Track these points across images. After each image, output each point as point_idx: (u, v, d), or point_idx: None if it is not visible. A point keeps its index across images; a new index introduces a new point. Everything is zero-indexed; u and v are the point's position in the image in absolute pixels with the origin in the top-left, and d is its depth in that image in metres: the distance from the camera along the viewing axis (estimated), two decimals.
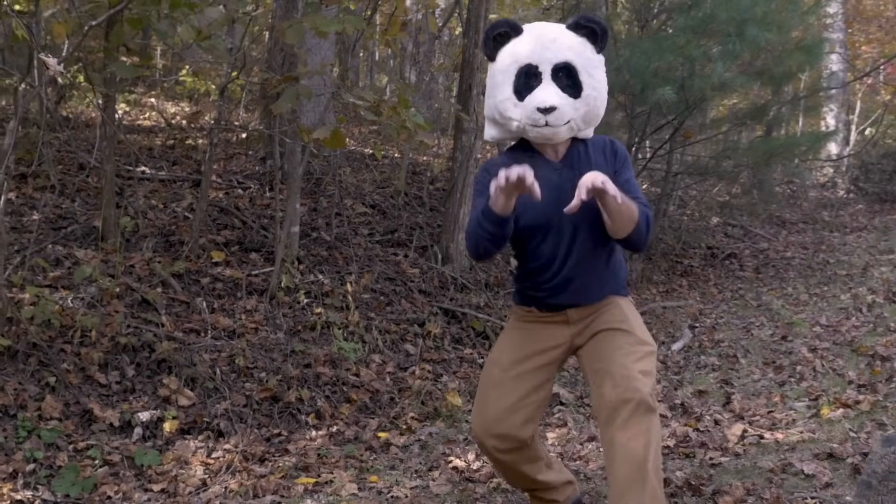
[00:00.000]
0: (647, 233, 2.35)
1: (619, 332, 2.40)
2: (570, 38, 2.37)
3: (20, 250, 4.63)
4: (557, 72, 2.34)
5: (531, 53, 2.35)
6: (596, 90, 2.37)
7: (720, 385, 4.61)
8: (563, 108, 2.32)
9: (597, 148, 2.48)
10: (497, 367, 2.53)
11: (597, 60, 2.40)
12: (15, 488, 3.17)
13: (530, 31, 2.41)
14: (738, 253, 9.01)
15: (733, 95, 8.61)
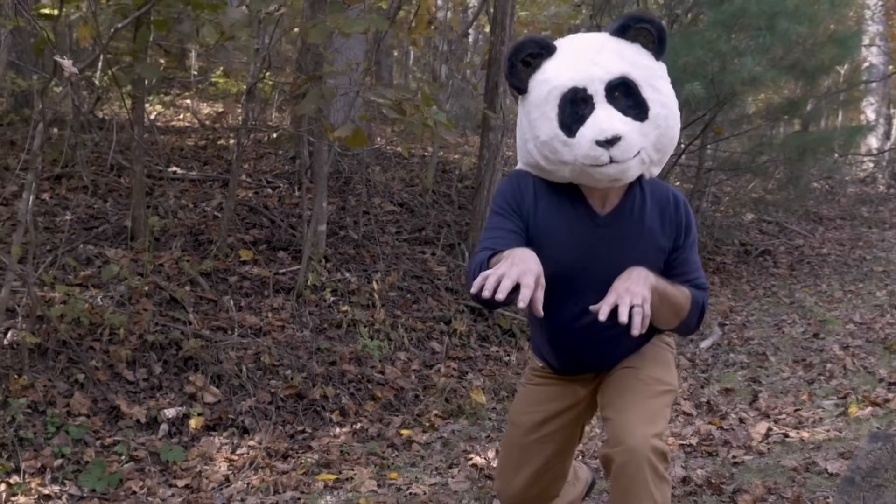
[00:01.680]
0: (698, 322, 2.00)
1: (629, 370, 2.08)
2: (620, 45, 1.88)
3: (52, 250, 4.72)
4: (613, 91, 1.84)
5: (575, 73, 1.84)
6: (666, 107, 1.88)
7: (748, 383, 4.56)
8: (629, 137, 1.81)
9: (656, 201, 1.99)
10: (519, 430, 2.26)
11: (658, 69, 1.90)
12: (43, 483, 3.23)
13: (566, 46, 1.92)
14: (773, 250, 8.89)
15: (765, 90, 8.48)
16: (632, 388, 2.01)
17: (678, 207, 2.00)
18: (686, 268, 2.00)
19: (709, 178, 8.94)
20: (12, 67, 6.12)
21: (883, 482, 1.11)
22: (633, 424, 1.90)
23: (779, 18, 6.41)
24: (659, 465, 1.88)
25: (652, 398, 1.98)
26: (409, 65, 16.14)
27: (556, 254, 1.93)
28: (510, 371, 4.97)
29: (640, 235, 1.98)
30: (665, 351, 2.17)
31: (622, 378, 2.06)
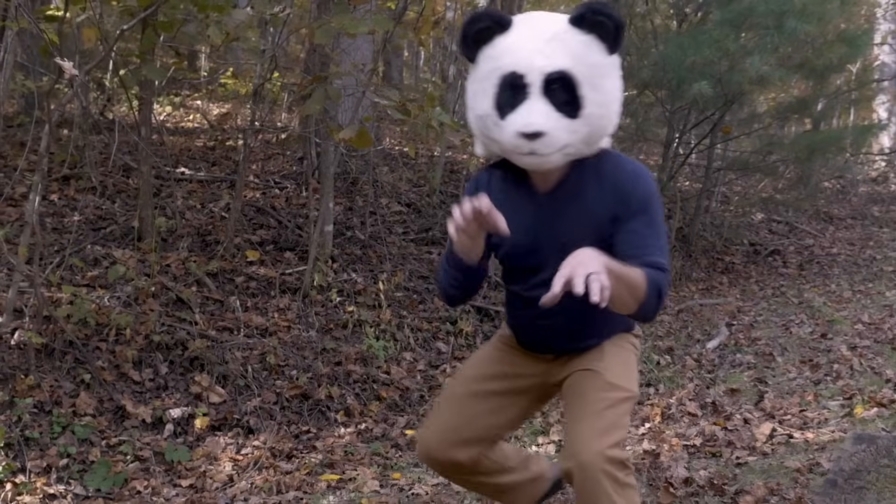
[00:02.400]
0: (658, 306, 1.86)
1: (587, 373, 2.01)
2: (573, 36, 1.82)
3: (60, 250, 4.75)
4: (551, 83, 1.80)
5: (518, 59, 1.82)
6: (602, 106, 1.86)
7: (754, 384, 4.54)
8: (553, 134, 1.80)
9: (605, 178, 1.92)
10: (457, 381, 2.27)
11: (607, 66, 1.86)
12: (48, 482, 3.25)
13: (521, 25, 1.87)
14: (782, 249, 8.85)
15: (774, 89, 8.46)
16: (588, 397, 1.96)
17: (632, 182, 1.91)
18: (640, 247, 1.86)
19: (718, 178, 8.92)
20: (21, 69, 6.16)
21: (865, 484, 1.10)
22: (586, 437, 1.87)
23: (787, 17, 6.40)
24: (618, 474, 1.85)
25: (609, 408, 1.93)
26: (419, 65, 16.16)
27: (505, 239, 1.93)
28: None
29: (581, 214, 1.94)
30: (628, 352, 2.13)
31: (580, 383, 2.01)
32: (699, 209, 8.44)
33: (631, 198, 1.89)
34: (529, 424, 4.10)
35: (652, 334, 5.86)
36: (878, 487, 1.08)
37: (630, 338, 2.16)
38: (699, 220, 8.44)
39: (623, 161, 1.97)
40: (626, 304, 1.81)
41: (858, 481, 1.10)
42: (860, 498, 1.03)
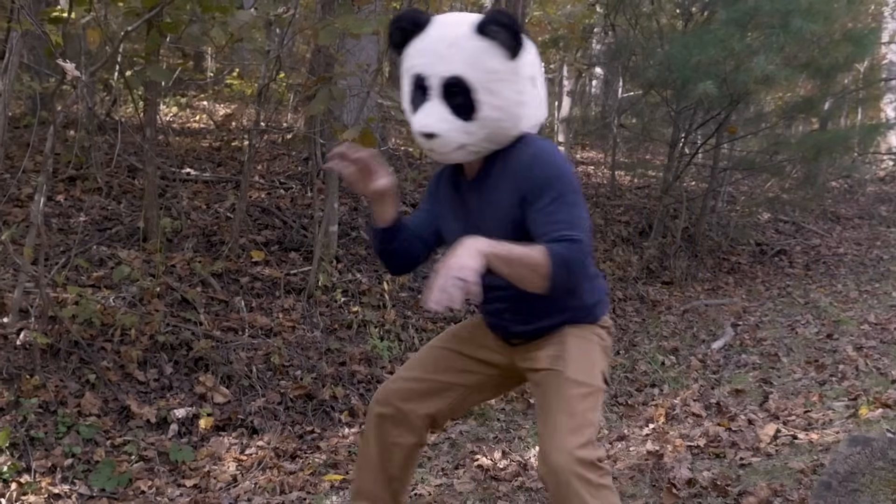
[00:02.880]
0: (570, 277, 1.84)
1: (550, 374, 2.03)
2: (473, 43, 1.91)
3: (66, 251, 4.76)
4: (449, 87, 1.91)
5: (423, 62, 1.95)
6: (500, 109, 1.93)
7: (759, 384, 4.53)
8: (446, 135, 1.92)
9: (513, 165, 1.98)
10: (427, 346, 2.35)
11: (505, 71, 1.93)
12: (53, 482, 3.26)
13: (432, 28, 1.97)
14: (789, 249, 8.83)
15: (780, 89, 8.44)
16: (552, 399, 1.98)
17: (531, 164, 1.95)
18: (547, 225, 1.88)
19: (724, 178, 8.91)
20: (27, 71, 6.19)
21: (859, 487, 1.10)
22: (554, 440, 1.88)
23: (793, 16, 6.38)
24: (590, 475, 1.85)
25: (573, 407, 1.94)
26: None
27: (446, 225, 2.12)
28: None
29: (493, 201, 2.01)
30: (592, 344, 2.12)
31: (545, 385, 2.03)
32: (705, 209, 8.42)
33: (531, 180, 1.93)
34: (533, 425, 4.10)
35: (657, 335, 5.86)
36: (872, 490, 1.08)
37: (596, 329, 2.15)
38: (705, 219, 8.43)
39: (527, 144, 1.99)
40: (532, 282, 1.84)
41: (853, 483, 1.09)
42: (854, 500, 1.02)
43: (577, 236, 1.85)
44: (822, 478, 1.07)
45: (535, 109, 2.03)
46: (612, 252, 7.57)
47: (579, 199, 1.93)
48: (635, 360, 5.18)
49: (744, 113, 8.32)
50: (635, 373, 4.97)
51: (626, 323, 6.20)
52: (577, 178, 1.97)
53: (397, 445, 2.25)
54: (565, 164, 1.97)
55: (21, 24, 3.30)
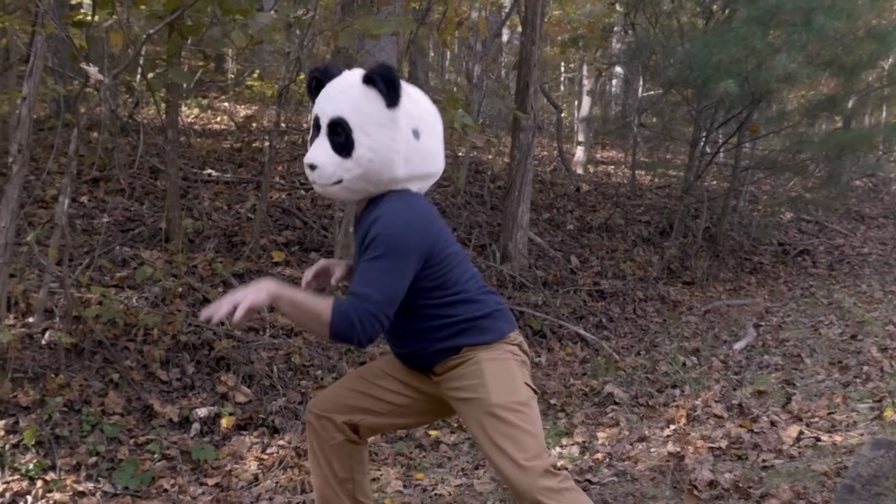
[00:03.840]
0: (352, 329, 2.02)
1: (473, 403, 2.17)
2: (357, 90, 2.13)
3: (89, 252, 4.81)
4: (334, 126, 2.13)
5: (319, 104, 2.19)
6: (373, 151, 2.11)
7: (781, 385, 4.50)
8: (324, 168, 2.13)
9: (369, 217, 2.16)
10: (365, 368, 2.49)
11: (382, 117, 2.12)
12: (78, 480, 3.30)
13: (335, 79, 2.21)
14: (812, 249, 8.76)
15: (802, 87, 8.37)
16: (486, 425, 2.13)
17: (370, 224, 2.11)
18: (356, 278, 2.09)
19: (746, 177, 8.85)
20: (52, 74, 6.26)
21: (883, 490, 1.09)
22: (509, 470, 2.06)
23: (815, 14, 6.32)
24: (551, 483, 2.04)
25: (509, 429, 2.10)
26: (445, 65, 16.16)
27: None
28: (540, 372, 4.96)
29: (356, 245, 2.20)
30: (507, 362, 2.22)
31: (475, 414, 2.16)
32: (726, 208, 8.37)
33: (365, 238, 2.10)
34: (553, 426, 4.10)
35: (678, 335, 5.83)
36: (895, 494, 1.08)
37: (504, 346, 2.24)
38: (727, 219, 8.37)
39: (384, 202, 2.15)
40: (314, 329, 2.07)
41: (876, 487, 1.09)
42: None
43: (367, 293, 2.03)
44: (845, 481, 1.06)
45: (416, 160, 2.16)
46: (632, 252, 7.54)
47: (397, 266, 2.07)
48: (656, 361, 5.16)
49: (766, 112, 8.26)
50: (656, 373, 4.95)
51: (647, 323, 6.17)
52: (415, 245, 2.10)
53: (331, 447, 2.40)
54: (403, 230, 2.08)
55: (45, 27, 3.34)
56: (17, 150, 3.55)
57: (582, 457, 3.62)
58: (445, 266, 2.17)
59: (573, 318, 5.95)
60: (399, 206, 2.13)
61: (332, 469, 2.41)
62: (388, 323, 2.07)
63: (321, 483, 2.45)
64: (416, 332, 2.22)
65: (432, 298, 2.17)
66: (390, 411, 2.39)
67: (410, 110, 2.16)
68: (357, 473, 2.44)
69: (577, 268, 6.87)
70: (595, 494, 3.08)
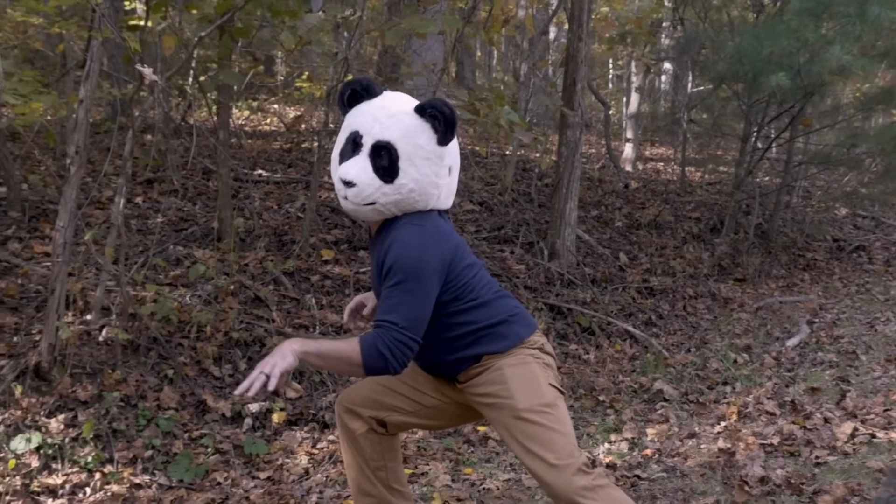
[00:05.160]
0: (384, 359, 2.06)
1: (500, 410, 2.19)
2: (410, 120, 2.14)
3: (144, 251, 4.92)
4: (379, 149, 2.13)
5: (363, 122, 2.16)
6: (416, 182, 2.13)
7: (835, 382, 4.42)
8: (363, 187, 2.12)
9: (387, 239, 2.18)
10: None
11: (431, 152, 2.15)
12: (134, 473, 3.38)
13: (381, 100, 2.22)
14: (868, 245, 8.57)
15: (857, 79, 8.19)
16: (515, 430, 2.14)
17: (388, 249, 2.13)
18: (380, 307, 2.13)
19: (799, 172, 8.69)
20: (107, 78, 6.41)
21: None
22: (544, 473, 2.07)
23: (870, 4, 6.19)
24: (585, 482, 2.05)
25: (538, 431, 2.10)
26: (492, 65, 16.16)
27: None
28: (589, 369, 4.95)
29: (374, 266, 2.23)
30: (529, 366, 2.23)
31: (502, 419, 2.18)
32: (779, 204, 8.23)
33: (385, 263, 2.12)
34: (602, 422, 4.08)
35: (729, 332, 5.76)
36: None
37: (524, 350, 2.26)
38: (779, 215, 8.23)
39: (397, 229, 2.17)
40: (348, 371, 2.11)
41: None
42: None
43: (395, 320, 2.07)
44: (892, 465, 1.05)
45: (444, 195, 2.23)
46: (682, 249, 7.46)
47: (419, 288, 2.09)
48: (706, 358, 5.10)
49: (819, 105, 8.10)
50: (706, 370, 4.89)
51: (697, 320, 6.11)
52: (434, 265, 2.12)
53: (361, 436, 2.44)
54: (419, 254, 2.10)
55: (101, 32, 3.43)
56: (74, 151, 3.65)
57: (631, 453, 3.60)
58: (462, 278, 2.20)
59: (622, 315, 5.91)
60: (415, 230, 2.15)
61: (364, 458, 2.46)
62: (418, 345, 2.10)
63: (356, 473, 2.50)
64: (435, 343, 2.23)
65: (449, 308, 2.20)
66: (417, 411, 2.42)
67: (452, 148, 2.21)
68: (389, 461, 2.49)
69: (626, 265, 6.82)
70: (644, 490, 3.06)
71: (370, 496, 2.49)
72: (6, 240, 4.81)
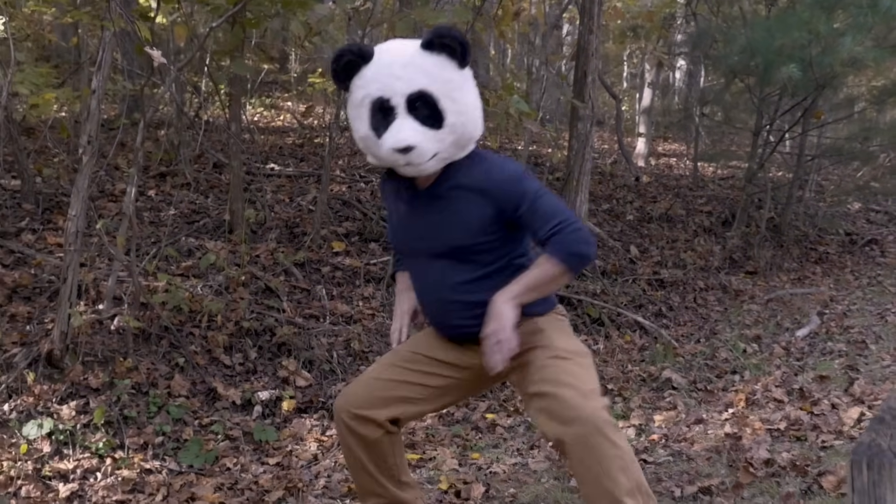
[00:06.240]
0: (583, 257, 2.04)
1: (539, 350, 2.12)
2: (425, 60, 2.05)
3: (156, 242, 4.97)
4: (413, 102, 2.03)
5: (382, 85, 2.05)
6: (462, 114, 2.07)
7: (844, 371, 4.41)
8: (422, 145, 2.03)
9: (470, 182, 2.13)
10: (391, 353, 2.37)
11: (459, 79, 2.08)
12: (145, 458, 3.42)
13: (380, 56, 2.10)
14: (881, 239, 8.53)
15: (869, 71, 8.14)
16: (553, 368, 2.06)
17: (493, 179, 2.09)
18: (540, 220, 2.06)
19: (811, 167, 8.65)
20: (122, 73, 6.48)
21: None
22: (576, 402, 1.96)
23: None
24: (609, 418, 1.97)
25: (577, 373, 2.04)
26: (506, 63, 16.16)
27: (397, 232, 2.23)
28: (598, 359, 4.95)
29: (453, 211, 2.13)
30: (563, 324, 2.27)
31: (537, 360, 2.10)
32: (791, 198, 8.21)
33: (500, 193, 2.08)
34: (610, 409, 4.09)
35: (739, 323, 5.75)
36: None
37: (555, 315, 2.28)
38: (791, 209, 8.21)
39: (480, 158, 2.15)
40: (555, 287, 2.11)
41: None
42: None
43: (567, 219, 2.04)
44: (877, 413, 1.07)
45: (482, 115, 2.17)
46: (693, 242, 7.45)
47: (544, 189, 2.10)
48: (716, 348, 5.10)
49: (831, 99, 8.07)
50: (715, 360, 4.89)
51: (707, 312, 6.10)
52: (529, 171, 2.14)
53: (372, 443, 2.29)
54: (518, 165, 2.15)
55: (114, 22, 3.47)
56: (86, 141, 3.70)
57: (638, 438, 3.61)
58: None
59: (632, 306, 5.91)
60: (492, 155, 2.17)
61: (376, 462, 2.33)
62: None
63: (364, 478, 2.37)
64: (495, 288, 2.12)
65: (517, 251, 2.18)
66: (429, 395, 2.31)
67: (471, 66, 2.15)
68: (398, 458, 2.39)
69: (637, 257, 6.82)
70: (650, 473, 3.07)
71: (380, 497, 2.39)
72: (20, 231, 4.88)
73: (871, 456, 0.99)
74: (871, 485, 0.98)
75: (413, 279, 2.32)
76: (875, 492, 0.98)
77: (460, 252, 2.14)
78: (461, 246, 2.13)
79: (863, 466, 0.99)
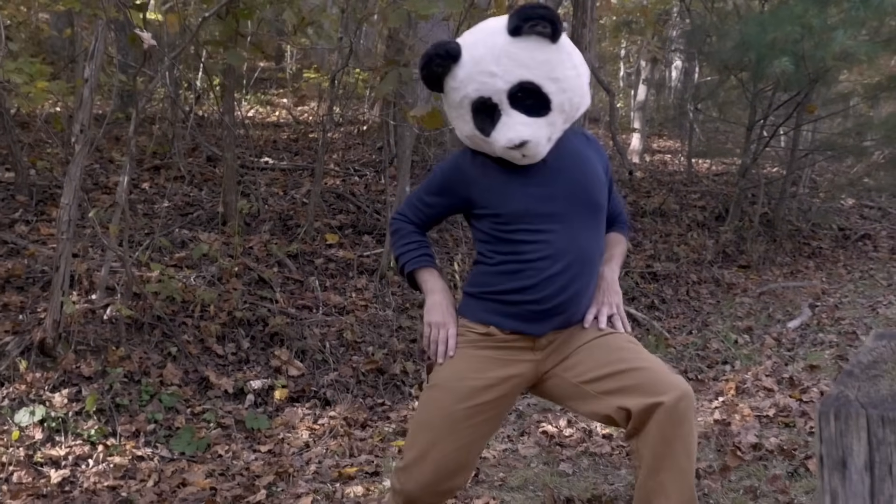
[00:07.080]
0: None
1: (609, 336, 2.03)
2: (517, 47, 1.92)
3: (150, 234, 4.98)
4: (515, 94, 1.93)
5: (479, 85, 1.94)
6: (567, 90, 1.96)
7: (834, 360, 4.43)
8: (535, 137, 1.93)
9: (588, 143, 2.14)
10: (450, 396, 2.02)
11: (556, 56, 1.94)
12: (137, 445, 3.44)
13: (469, 52, 1.96)
14: (874, 234, 8.55)
15: (862, 66, 8.15)
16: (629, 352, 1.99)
17: (597, 143, 2.18)
18: (614, 195, 2.22)
19: (805, 162, 8.68)
20: (116, 66, 6.48)
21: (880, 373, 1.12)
22: (669, 378, 1.90)
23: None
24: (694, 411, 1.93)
25: (651, 357, 1.99)
26: None
27: (510, 203, 2.00)
28: None
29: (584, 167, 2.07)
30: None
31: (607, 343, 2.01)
32: (784, 193, 8.23)
33: (608, 163, 2.16)
34: None
35: (731, 315, 5.77)
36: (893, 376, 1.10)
37: None
38: (784, 204, 8.23)
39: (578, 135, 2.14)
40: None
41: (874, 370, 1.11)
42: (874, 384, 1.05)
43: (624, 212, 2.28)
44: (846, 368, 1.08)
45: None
46: (686, 236, 7.48)
47: None
48: (707, 339, 5.12)
49: (825, 94, 8.09)
50: (707, 351, 4.91)
51: (700, 305, 6.12)
52: None
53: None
54: None
55: (106, 11, 3.48)
56: (79, 130, 3.71)
57: None
58: None
59: (624, 298, 5.92)
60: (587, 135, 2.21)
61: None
62: None
63: None
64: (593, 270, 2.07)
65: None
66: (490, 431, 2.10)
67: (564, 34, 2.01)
68: None
69: (630, 250, 6.84)
70: None
71: None
72: (13, 222, 4.88)
73: (839, 407, 1.01)
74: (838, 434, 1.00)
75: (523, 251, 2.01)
76: (842, 441, 1.00)
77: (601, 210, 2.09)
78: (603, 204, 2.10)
79: (830, 417, 1.00)
